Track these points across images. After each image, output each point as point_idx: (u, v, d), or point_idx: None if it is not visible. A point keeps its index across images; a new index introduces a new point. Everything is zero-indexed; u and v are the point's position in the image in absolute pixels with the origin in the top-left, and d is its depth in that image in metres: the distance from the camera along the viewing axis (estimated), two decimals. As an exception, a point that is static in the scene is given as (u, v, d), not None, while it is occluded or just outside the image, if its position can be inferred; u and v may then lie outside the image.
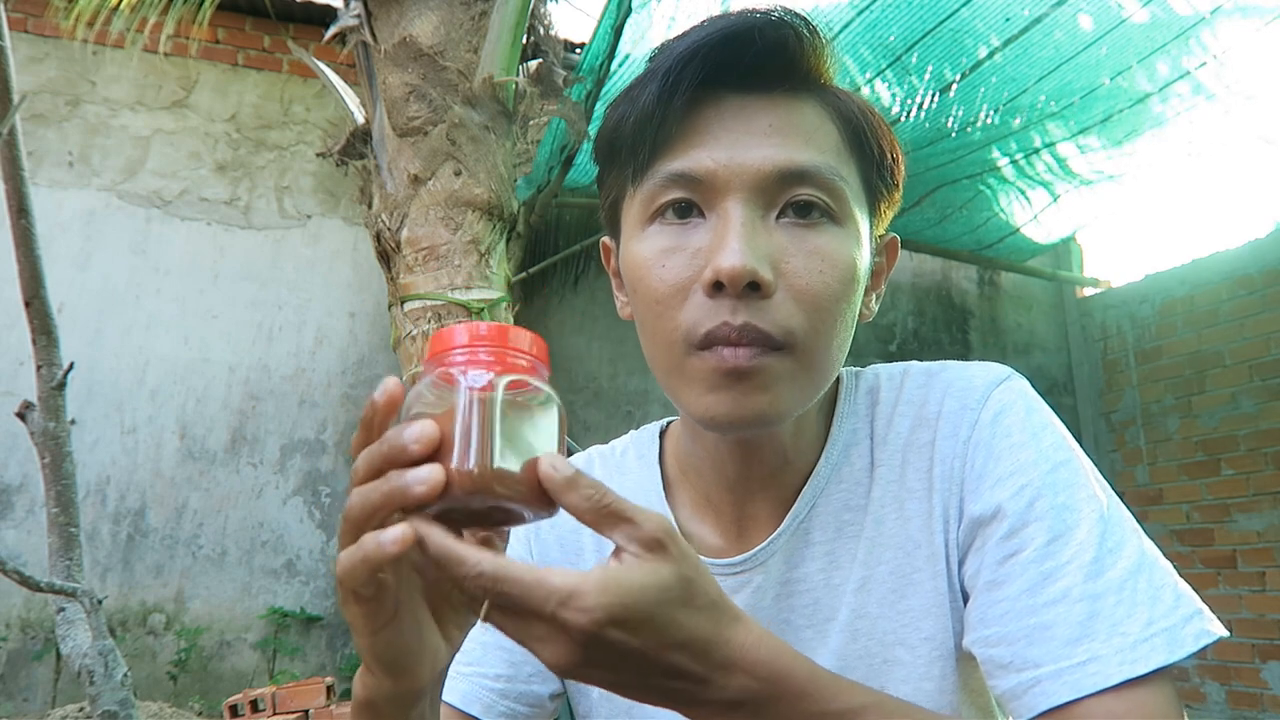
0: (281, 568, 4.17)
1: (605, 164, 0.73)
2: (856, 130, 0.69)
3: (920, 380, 0.75)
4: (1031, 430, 0.67)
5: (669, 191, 0.66)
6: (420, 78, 3.17)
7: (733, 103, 0.67)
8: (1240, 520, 4.69)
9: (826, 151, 0.67)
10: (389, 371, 4.43)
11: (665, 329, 0.66)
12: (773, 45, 0.66)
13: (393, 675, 0.55)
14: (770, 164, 0.64)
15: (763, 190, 0.65)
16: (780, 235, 0.65)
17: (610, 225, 0.76)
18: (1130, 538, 0.62)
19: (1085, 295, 5.83)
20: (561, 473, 0.48)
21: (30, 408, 1.76)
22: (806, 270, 0.64)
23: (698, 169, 0.65)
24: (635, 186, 0.69)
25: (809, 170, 0.65)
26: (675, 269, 0.65)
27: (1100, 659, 0.57)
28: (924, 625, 0.69)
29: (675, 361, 0.66)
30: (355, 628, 0.53)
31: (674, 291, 0.65)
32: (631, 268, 0.69)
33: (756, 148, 0.65)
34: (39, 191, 3.65)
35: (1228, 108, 3.82)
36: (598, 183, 0.76)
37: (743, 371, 0.63)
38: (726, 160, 0.64)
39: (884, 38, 3.45)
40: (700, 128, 0.66)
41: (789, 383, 0.65)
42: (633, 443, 0.87)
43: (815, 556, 0.73)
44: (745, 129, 0.65)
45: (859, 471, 0.74)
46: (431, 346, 0.52)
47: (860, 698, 0.55)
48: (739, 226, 0.63)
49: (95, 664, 1.65)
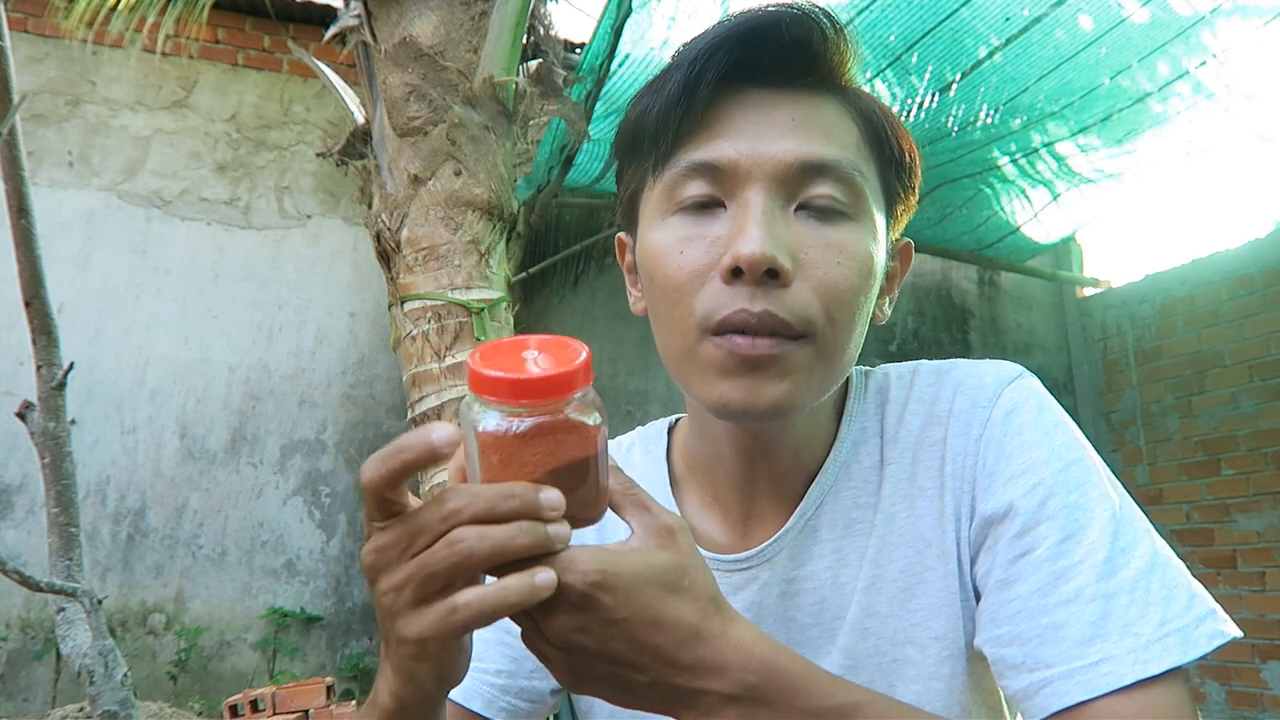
0: (281, 568, 4.16)
1: (626, 156, 0.73)
2: (877, 130, 0.70)
3: (930, 378, 0.75)
4: (1043, 428, 0.67)
5: (690, 180, 0.66)
6: (420, 78, 3.17)
7: (755, 96, 0.67)
8: (1240, 520, 4.69)
9: (847, 148, 0.67)
10: (389, 371, 4.43)
11: (680, 315, 0.66)
12: (798, 40, 0.66)
13: (444, 681, 0.55)
14: (792, 156, 0.65)
15: (783, 182, 0.65)
16: (799, 227, 0.65)
17: (627, 219, 0.76)
18: (1143, 537, 0.62)
19: (1085, 295, 5.83)
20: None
21: (30, 408, 1.76)
22: (825, 262, 0.64)
23: (720, 159, 0.65)
24: (656, 177, 0.69)
25: (830, 164, 0.65)
26: (694, 255, 0.65)
27: (1113, 659, 0.57)
28: (934, 624, 0.69)
29: (688, 347, 0.66)
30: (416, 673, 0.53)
31: (691, 278, 0.65)
32: (648, 256, 0.69)
33: (778, 140, 0.65)
34: (39, 191, 3.65)
35: (1227, 106, 3.82)
36: (616, 177, 0.77)
37: (760, 360, 0.63)
38: (749, 151, 0.65)
39: (884, 38, 3.45)
40: (723, 119, 0.66)
41: (806, 373, 0.65)
42: (639, 439, 0.87)
43: (822, 554, 0.73)
44: (768, 122, 0.66)
45: (868, 470, 0.74)
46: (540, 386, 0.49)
47: (856, 695, 0.56)
48: (759, 215, 0.63)
49: (95, 664, 1.64)
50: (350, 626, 4.18)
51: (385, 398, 4.45)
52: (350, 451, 4.36)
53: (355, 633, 4.18)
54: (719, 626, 0.52)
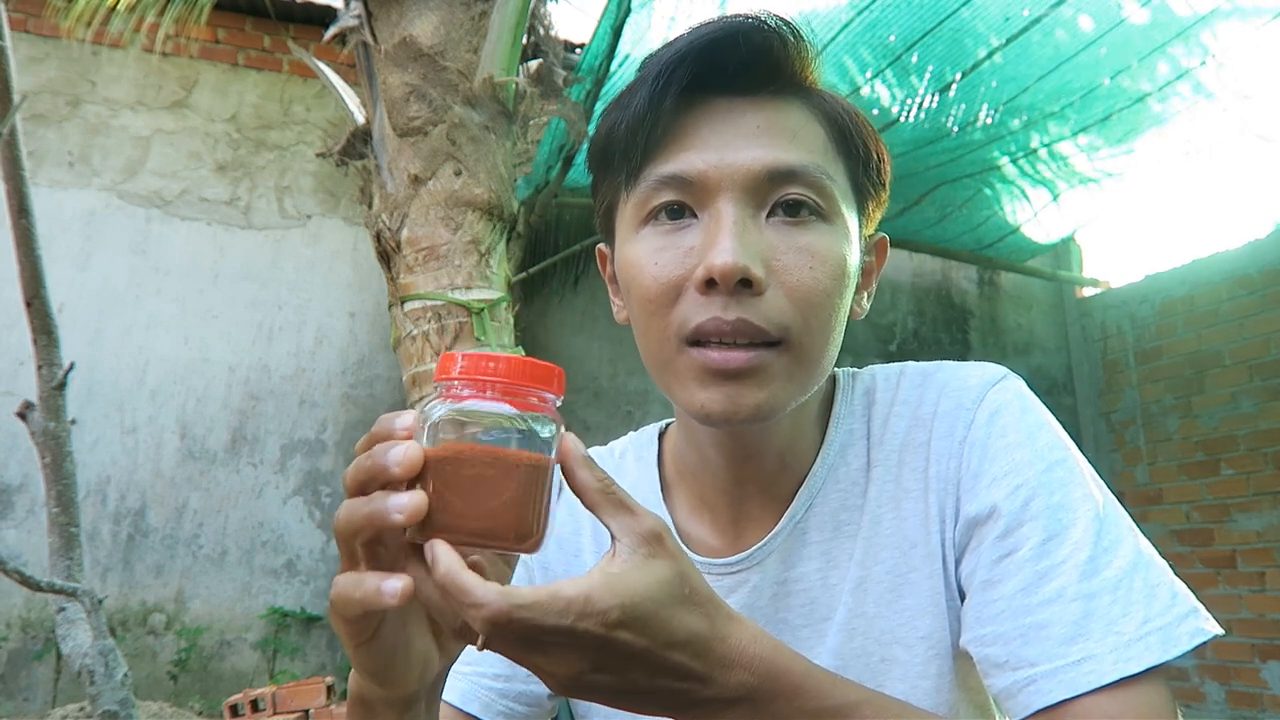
0: (281, 567, 4.17)
1: (599, 171, 0.75)
2: (843, 130, 0.70)
3: (916, 380, 0.75)
4: (1027, 430, 0.68)
5: (661, 193, 0.67)
6: (420, 78, 3.18)
7: (721, 105, 0.68)
8: (1240, 520, 4.69)
9: (814, 151, 0.68)
10: (389, 371, 4.43)
11: (658, 326, 0.67)
12: (757, 49, 0.67)
13: (379, 682, 0.56)
14: (759, 164, 0.66)
15: (753, 190, 0.66)
16: (771, 234, 0.66)
17: (605, 232, 0.77)
18: (1126, 536, 0.62)
19: (1085, 295, 5.83)
20: (578, 450, 0.51)
21: (31, 408, 1.77)
22: (797, 267, 0.65)
23: (689, 171, 0.66)
24: (628, 191, 0.70)
25: (797, 169, 0.66)
26: (668, 267, 0.66)
27: (1095, 658, 0.57)
28: (921, 624, 0.70)
29: (667, 358, 0.67)
30: (341, 638, 0.54)
31: (666, 289, 0.66)
32: (625, 268, 0.70)
33: (745, 149, 0.66)
34: (39, 191, 3.66)
35: (1227, 106, 3.82)
36: (592, 190, 0.78)
37: (737, 371, 0.64)
38: (716, 161, 0.66)
39: (884, 38, 3.46)
40: (690, 130, 0.67)
41: (785, 379, 0.66)
42: (631, 444, 0.88)
43: (812, 556, 0.73)
44: (734, 131, 0.67)
45: (855, 472, 0.74)
46: (446, 368, 0.51)
47: (855, 694, 0.56)
48: (730, 225, 0.64)
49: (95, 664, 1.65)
50: (350, 626, 4.18)
51: (385, 398, 4.45)
52: (350, 451, 4.36)
53: (355, 632, 4.18)
54: (723, 628, 0.52)
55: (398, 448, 0.48)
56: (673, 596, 0.50)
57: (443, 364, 0.51)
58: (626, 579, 0.49)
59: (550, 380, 0.51)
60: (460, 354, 0.50)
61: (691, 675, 0.51)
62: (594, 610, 0.47)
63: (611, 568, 0.49)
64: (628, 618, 0.48)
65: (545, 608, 0.46)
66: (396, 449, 0.48)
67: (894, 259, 5.51)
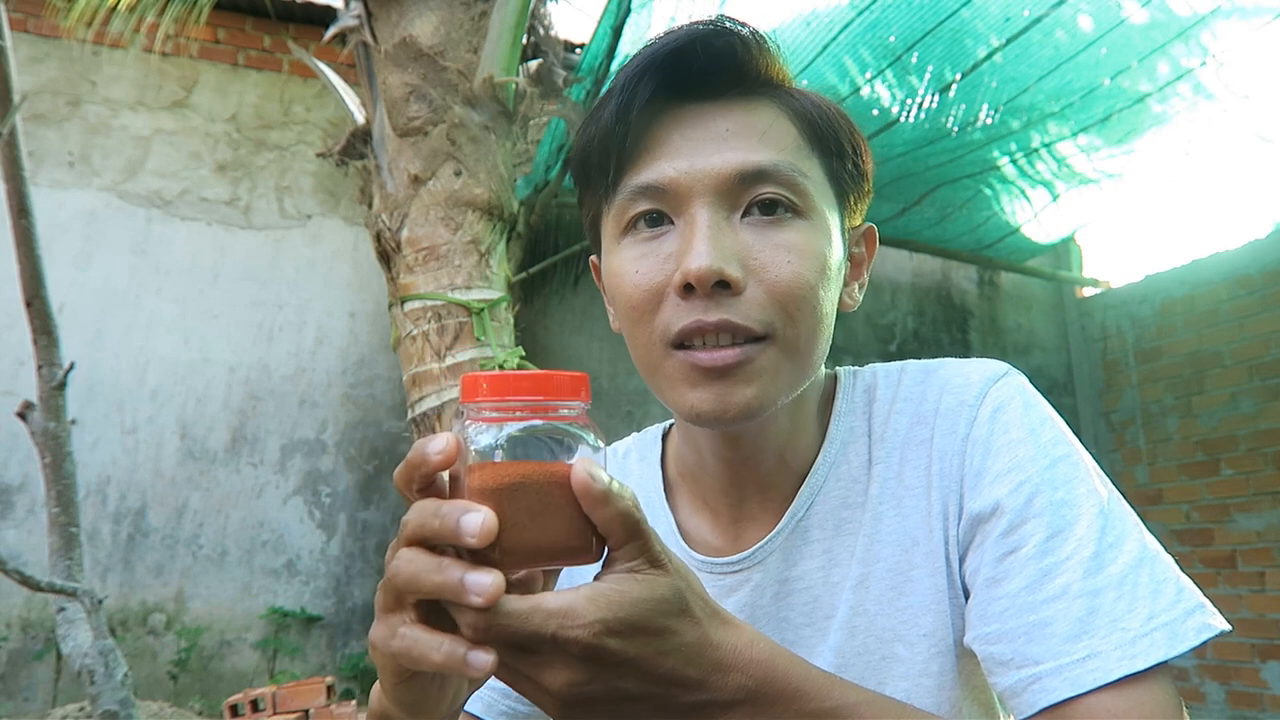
0: (282, 568, 4.17)
1: (581, 184, 0.76)
2: (814, 126, 0.71)
3: (918, 377, 0.75)
4: (1029, 426, 0.67)
5: (637, 204, 0.69)
6: (420, 78, 3.18)
7: (690, 112, 0.69)
8: (1240, 520, 4.69)
9: (785, 149, 0.69)
10: (389, 371, 4.43)
11: (643, 332, 0.68)
12: (719, 53, 0.68)
13: (411, 714, 0.55)
14: (729, 167, 0.67)
15: (726, 192, 0.67)
16: (746, 233, 0.67)
17: (594, 242, 0.78)
18: (1131, 532, 0.62)
19: (1085, 295, 5.83)
20: (599, 484, 0.49)
21: (31, 407, 1.77)
22: (776, 263, 0.66)
23: (661, 179, 0.67)
24: (608, 203, 0.72)
25: (768, 169, 0.67)
26: (648, 275, 0.67)
27: (1100, 655, 0.57)
28: (923, 622, 0.69)
29: (656, 363, 0.68)
30: (381, 673, 0.53)
31: (648, 296, 0.67)
32: (610, 278, 0.72)
33: (715, 153, 0.67)
34: (39, 191, 3.65)
35: (1227, 107, 3.82)
36: (578, 204, 0.80)
37: (724, 369, 0.65)
38: (687, 168, 0.67)
39: (884, 38, 3.46)
40: (661, 139, 0.68)
41: (773, 373, 0.66)
42: (635, 444, 0.88)
43: (814, 554, 0.73)
44: (704, 136, 0.68)
45: (857, 469, 0.74)
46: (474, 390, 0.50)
47: (854, 695, 0.56)
48: (704, 229, 0.65)
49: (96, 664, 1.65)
50: (350, 626, 4.19)
51: (385, 398, 4.45)
52: (350, 451, 4.36)
53: (355, 632, 4.18)
54: (717, 633, 0.52)
55: (474, 516, 0.46)
56: (668, 610, 0.50)
57: (469, 385, 0.50)
58: (616, 591, 0.48)
59: (580, 389, 0.51)
60: (483, 375, 0.50)
61: (686, 681, 0.51)
62: (577, 622, 0.46)
63: (600, 582, 0.49)
64: (616, 628, 0.47)
65: (527, 617, 0.46)
66: (473, 518, 0.46)
67: (894, 259, 5.51)
